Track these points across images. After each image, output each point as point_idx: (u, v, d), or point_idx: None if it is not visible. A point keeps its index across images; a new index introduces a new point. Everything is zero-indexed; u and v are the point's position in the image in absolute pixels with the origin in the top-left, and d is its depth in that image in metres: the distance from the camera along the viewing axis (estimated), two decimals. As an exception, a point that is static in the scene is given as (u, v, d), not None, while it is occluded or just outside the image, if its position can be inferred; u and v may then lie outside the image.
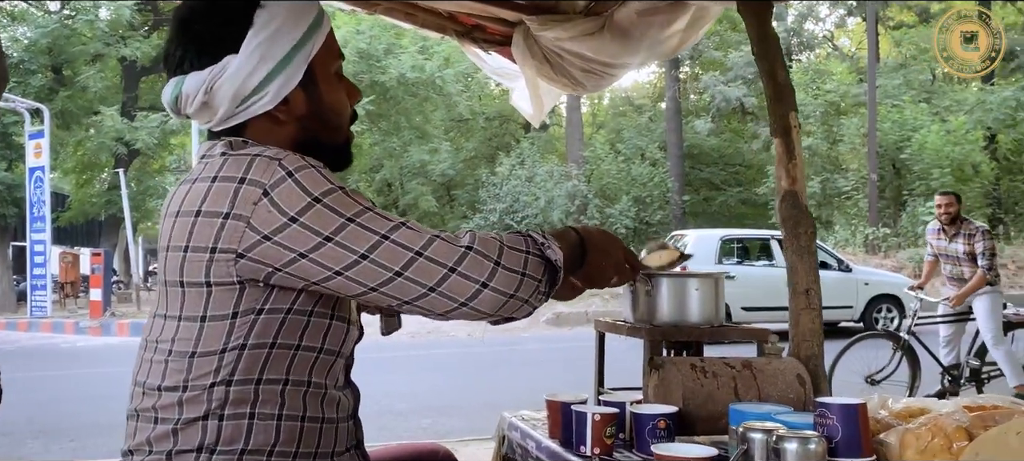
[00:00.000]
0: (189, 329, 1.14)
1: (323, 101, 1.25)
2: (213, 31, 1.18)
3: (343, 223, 1.08)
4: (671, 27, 2.42)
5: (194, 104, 1.18)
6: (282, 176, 1.09)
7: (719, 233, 12.67)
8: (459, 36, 3.11)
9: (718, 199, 24.23)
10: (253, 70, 1.16)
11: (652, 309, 1.62)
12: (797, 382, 1.40)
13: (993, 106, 20.67)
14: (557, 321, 13.83)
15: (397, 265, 1.08)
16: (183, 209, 1.16)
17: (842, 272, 12.36)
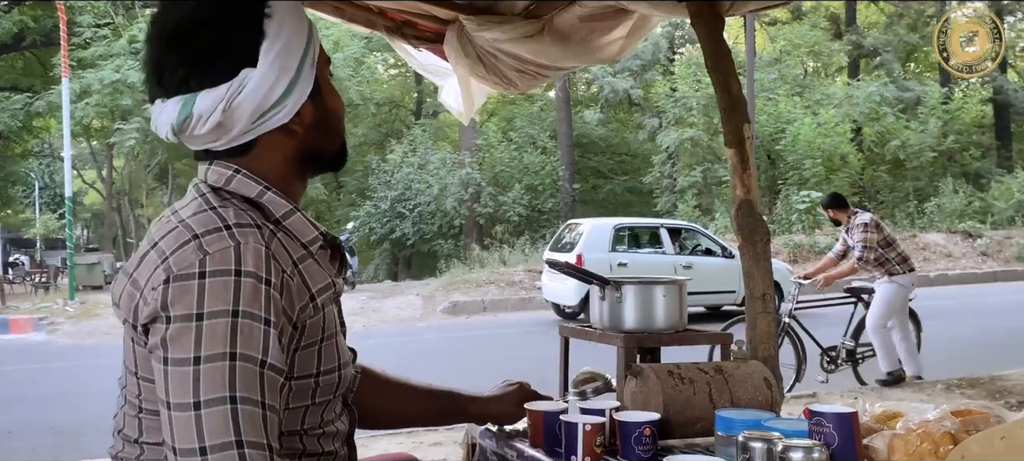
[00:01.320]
0: (149, 389, 1.08)
1: (328, 108, 1.19)
2: (224, 44, 1.08)
3: (189, 359, 0.97)
4: (612, 33, 2.47)
5: (208, 124, 1.08)
6: (193, 272, 1.00)
7: (612, 222, 12.99)
8: (389, 32, 3.07)
9: (606, 187, 24.82)
10: (275, 83, 1.09)
11: (619, 316, 1.67)
12: (765, 385, 1.48)
13: (859, 101, 22.06)
14: (454, 310, 13.86)
15: (179, 444, 0.96)
16: (126, 268, 1.11)
17: (726, 258, 12.91)
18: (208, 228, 1.04)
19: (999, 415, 1.30)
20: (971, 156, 24.00)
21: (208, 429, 0.95)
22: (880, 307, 6.81)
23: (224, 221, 1.06)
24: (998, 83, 26.33)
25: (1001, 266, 17.74)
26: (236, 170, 1.13)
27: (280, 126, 1.13)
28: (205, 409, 0.96)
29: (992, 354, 8.80)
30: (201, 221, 1.06)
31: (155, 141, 20.28)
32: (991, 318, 11.63)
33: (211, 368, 0.97)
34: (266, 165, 1.15)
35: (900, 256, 6.82)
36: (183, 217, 1.08)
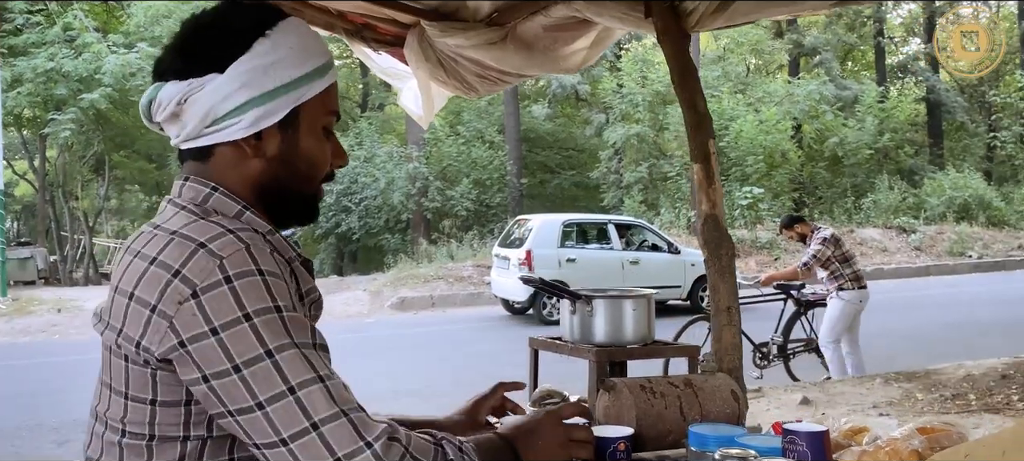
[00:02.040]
0: (139, 412, 1.06)
1: (299, 148, 1.16)
2: (206, 47, 1.11)
3: (260, 355, 0.98)
4: (575, 44, 2.49)
5: (165, 112, 1.11)
6: (218, 279, 1.00)
7: (561, 218, 13.09)
8: (348, 35, 3.04)
9: (553, 182, 24.94)
10: (231, 93, 1.10)
11: (590, 329, 1.69)
12: (732, 398, 1.52)
13: (799, 98, 22.60)
14: (402, 306, 13.79)
15: (287, 430, 0.98)
16: (121, 286, 1.07)
17: (671, 254, 13.13)
18: (211, 234, 1.05)
19: (961, 433, 1.36)
20: (905, 154, 24.79)
21: (312, 406, 0.99)
22: (829, 323, 7.06)
23: (223, 226, 1.06)
24: (930, 83, 27.26)
25: (933, 261, 18.39)
26: (214, 188, 1.13)
27: (235, 142, 1.12)
28: (301, 391, 0.99)
29: (927, 347, 9.13)
30: (200, 229, 1.06)
31: (90, 132, 19.72)
32: (925, 311, 12.07)
33: (288, 356, 0.99)
34: (231, 183, 1.15)
35: (854, 274, 6.99)
36: (175, 229, 1.07)
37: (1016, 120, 25.25)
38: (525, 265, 12.00)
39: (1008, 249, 19.33)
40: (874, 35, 27.12)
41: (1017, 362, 7.29)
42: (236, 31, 1.12)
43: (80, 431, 4.94)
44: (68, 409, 7.17)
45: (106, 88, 17.84)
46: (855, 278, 6.97)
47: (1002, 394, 6.23)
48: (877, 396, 6.45)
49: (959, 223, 20.33)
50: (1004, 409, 5.86)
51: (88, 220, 21.57)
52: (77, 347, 10.88)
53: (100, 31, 19.74)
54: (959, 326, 10.67)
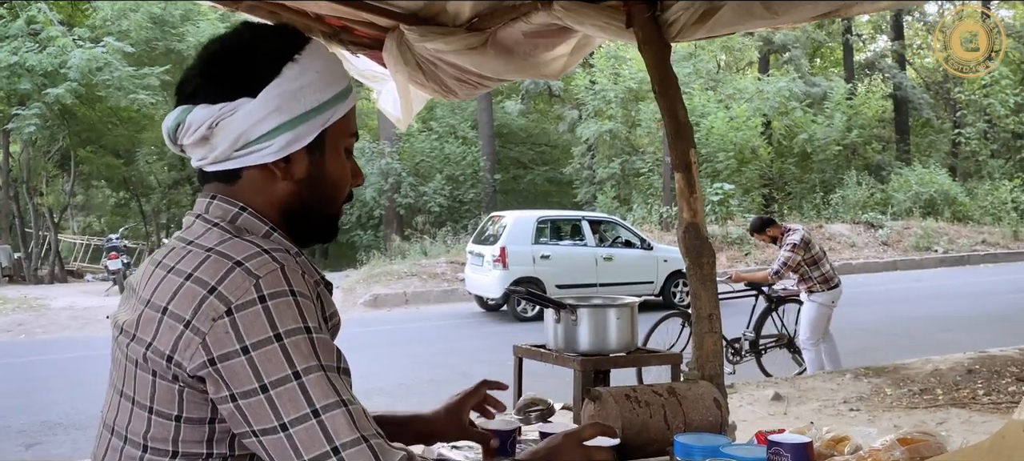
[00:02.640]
0: (163, 427, 1.06)
1: (326, 170, 1.19)
2: (236, 72, 1.12)
3: (287, 376, 1.00)
4: (556, 50, 2.49)
5: (194, 136, 1.12)
6: (253, 298, 1.02)
7: (535, 214, 13.11)
8: (326, 37, 3.03)
9: (526, 178, 24.97)
10: (264, 118, 1.11)
11: (574, 338, 1.71)
12: (715, 406, 1.54)
13: (769, 95, 22.81)
14: (375, 303, 13.74)
15: (309, 454, 0.99)
16: (153, 300, 1.08)
17: (644, 250, 13.21)
18: (248, 253, 1.06)
19: (940, 443, 1.39)
20: (873, 150, 25.14)
21: (335, 430, 1.00)
22: (806, 328, 7.17)
23: (258, 246, 1.08)
24: (897, 79, 27.66)
25: (900, 256, 18.69)
26: (242, 208, 1.15)
27: (264, 165, 1.14)
28: (325, 414, 1.00)
29: (895, 341, 9.30)
30: (236, 248, 1.07)
31: (55, 127, 19.35)
32: (893, 306, 12.28)
33: (314, 379, 1.01)
34: (258, 204, 1.16)
35: (822, 276, 7.04)
36: (211, 245, 1.09)
37: (980, 117, 25.71)
38: (499, 262, 12.01)
39: (972, 244, 19.70)
40: (842, 32, 27.46)
41: (982, 357, 7.45)
42: (266, 56, 1.13)
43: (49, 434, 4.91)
44: (36, 411, 7.06)
45: (72, 83, 17.53)
46: (824, 280, 7.04)
47: (968, 389, 6.37)
48: (847, 391, 6.56)
49: (925, 218, 20.67)
50: (970, 404, 5.98)
51: (53, 216, 21.19)
52: (44, 347, 10.70)
53: (65, 25, 19.38)
54: (925, 320, 10.86)
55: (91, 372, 8.82)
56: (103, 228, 26.03)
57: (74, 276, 20.91)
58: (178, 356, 1.03)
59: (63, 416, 6.93)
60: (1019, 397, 6.00)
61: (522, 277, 12.05)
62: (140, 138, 20.96)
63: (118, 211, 26.33)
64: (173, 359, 1.03)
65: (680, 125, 2.29)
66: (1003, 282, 15.01)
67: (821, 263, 7.08)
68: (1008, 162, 25.03)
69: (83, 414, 6.91)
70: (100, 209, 27.99)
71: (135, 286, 1.15)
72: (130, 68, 18.60)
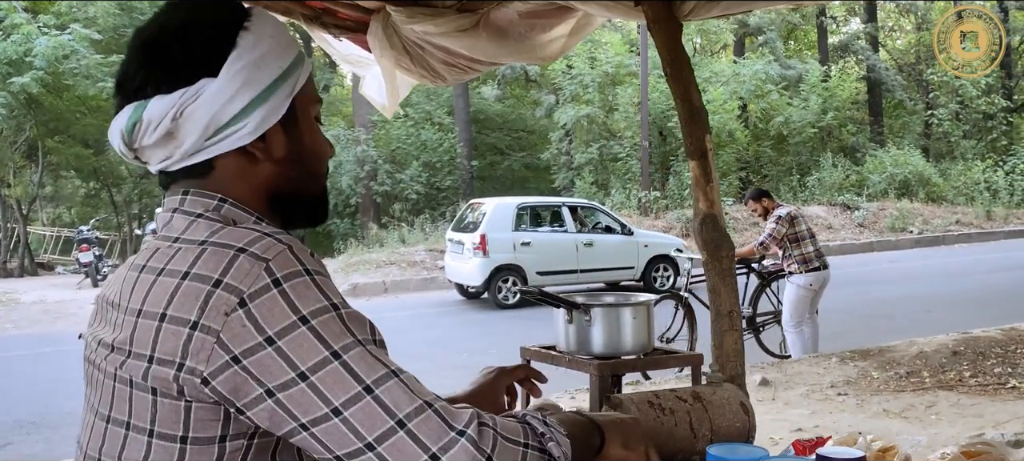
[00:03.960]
0: (166, 451, 0.94)
1: (304, 143, 1.08)
2: (189, 51, 0.99)
3: (326, 358, 0.89)
4: (553, 31, 2.37)
5: (156, 133, 0.98)
6: (266, 283, 0.90)
7: (515, 201, 12.99)
8: (307, 21, 2.88)
9: (504, 164, 24.82)
10: (234, 95, 0.99)
11: (587, 339, 1.60)
12: (742, 411, 1.45)
13: (745, 78, 22.81)
14: (354, 292, 13.56)
15: (372, 433, 0.89)
16: (146, 308, 0.95)
17: (625, 235, 13.16)
18: (249, 238, 0.95)
19: (1003, 456, 1.31)
20: (847, 132, 25.27)
21: (394, 403, 0.90)
22: (788, 309, 7.15)
23: (257, 229, 0.97)
24: (871, 61, 27.82)
25: (876, 237, 18.83)
26: (222, 200, 1.02)
27: (241, 149, 1.02)
28: (379, 389, 0.90)
29: (875, 323, 9.32)
30: (233, 235, 0.96)
31: (22, 116, 18.90)
32: (871, 288, 12.33)
33: (356, 355, 0.91)
34: (239, 196, 1.04)
35: (802, 256, 7.00)
36: (202, 238, 0.97)
37: (952, 98, 25.93)
38: (480, 249, 11.90)
39: (947, 225, 19.88)
40: (817, 14, 27.52)
41: (966, 337, 7.47)
42: (216, 28, 1.01)
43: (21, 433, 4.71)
44: (8, 410, 6.86)
45: (37, 71, 17.12)
46: (803, 260, 7.01)
47: (954, 371, 6.37)
48: (834, 375, 6.53)
49: (900, 199, 20.83)
50: (957, 386, 5.98)
51: (22, 208, 20.74)
52: (14, 342, 10.43)
53: (30, 12, 18.90)
54: (904, 301, 10.92)
55: (65, 368, 8.60)
56: (73, 219, 25.56)
57: (44, 269, 20.52)
58: (191, 362, 0.90)
59: (36, 415, 6.74)
60: (1005, 378, 6.01)
61: (503, 264, 11.95)
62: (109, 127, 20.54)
63: (88, 202, 25.86)
64: (185, 367, 0.91)
65: (694, 109, 2.18)
66: (977, 261, 15.16)
67: (803, 243, 7.03)
68: (980, 142, 25.28)
69: (57, 412, 6.72)
70: (70, 200, 27.48)
71: (114, 299, 1.02)
72: (98, 56, 18.20)
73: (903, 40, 33.20)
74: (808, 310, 7.11)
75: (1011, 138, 25.66)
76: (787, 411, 5.57)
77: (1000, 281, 12.50)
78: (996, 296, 10.89)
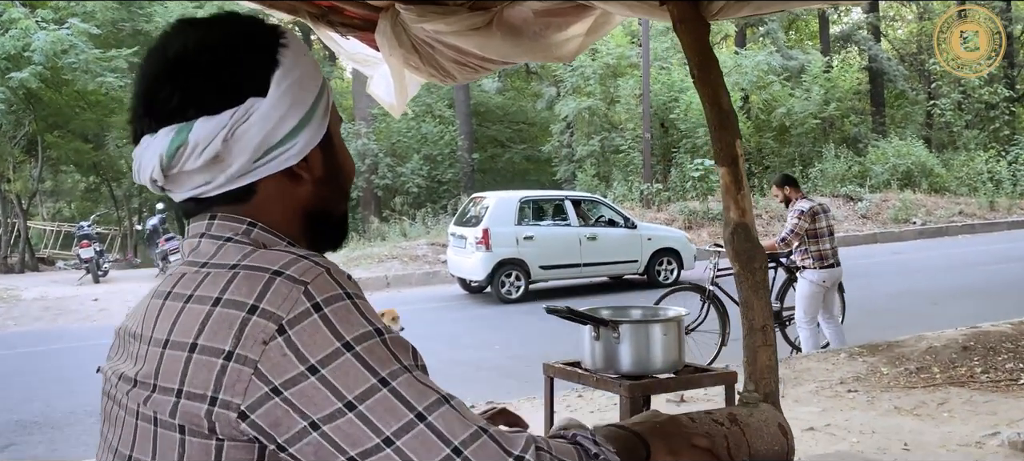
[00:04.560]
0: None
1: (338, 162, 1.04)
2: (230, 68, 0.94)
3: (374, 386, 0.84)
4: (569, 30, 2.29)
5: (203, 156, 0.92)
6: (306, 309, 0.84)
7: (518, 195, 12.91)
8: (314, 18, 2.81)
9: (505, 156, 24.73)
10: (285, 115, 0.95)
11: (615, 356, 1.53)
12: (780, 433, 1.38)
13: (747, 69, 22.70)
14: (356, 287, 13.50)
15: (436, 454, 0.83)
16: (174, 338, 0.88)
17: (628, 229, 13.09)
18: (285, 260, 0.89)
19: None
20: (850, 123, 25.17)
21: (449, 430, 0.85)
22: (800, 305, 7.09)
23: (293, 252, 0.91)
24: (873, 52, 27.70)
25: (879, 228, 18.75)
26: (251, 223, 0.97)
27: (285, 170, 0.98)
28: (431, 415, 0.85)
29: (882, 316, 9.25)
30: (266, 258, 0.90)
31: (21, 111, 18.81)
32: (876, 280, 12.26)
33: (404, 382, 0.86)
34: (273, 219, 0.99)
35: (819, 252, 6.95)
36: (233, 262, 0.91)
37: (954, 88, 25.82)
38: (482, 244, 11.83)
39: (950, 215, 19.81)
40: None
41: (976, 332, 7.40)
42: (260, 46, 0.97)
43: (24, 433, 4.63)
44: (9, 409, 6.80)
45: (36, 66, 17.02)
46: (819, 257, 6.95)
47: (965, 367, 6.30)
48: (843, 372, 6.47)
49: (903, 190, 20.75)
50: (969, 383, 5.91)
51: (22, 203, 20.66)
52: (16, 340, 10.37)
53: (28, 6, 18.78)
54: (910, 294, 10.86)
55: (67, 366, 8.55)
56: (74, 214, 25.50)
57: (45, 264, 20.46)
58: (226, 395, 0.84)
59: (39, 414, 6.68)
60: (1017, 374, 5.95)
61: (505, 259, 11.89)
62: (109, 122, 20.46)
63: (88, 196, 25.79)
64: (218, 401, 0.84)
65: (724, 114, 2.09)
66: (982, 252, 15.09)
67: (821, 240, 6.97)
68: (982, 132, 25.18)
69: (59, 412, 6.67)
70: (70, 195, 27.41)
71: (136, 330, 0.95)
72: (96, 50, 18.09)
73: (904, 30, 33.08)
74: (820, 306, 7.05)
75: (1014, 128, 25.56)
76: (797, 409, 5.50)
77: (1006, 272, 12.43)
78: (1003, 288, 10.82)
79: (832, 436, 4.95)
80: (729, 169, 2.05)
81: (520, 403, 6.05)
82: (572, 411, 5.62)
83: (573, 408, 5.67)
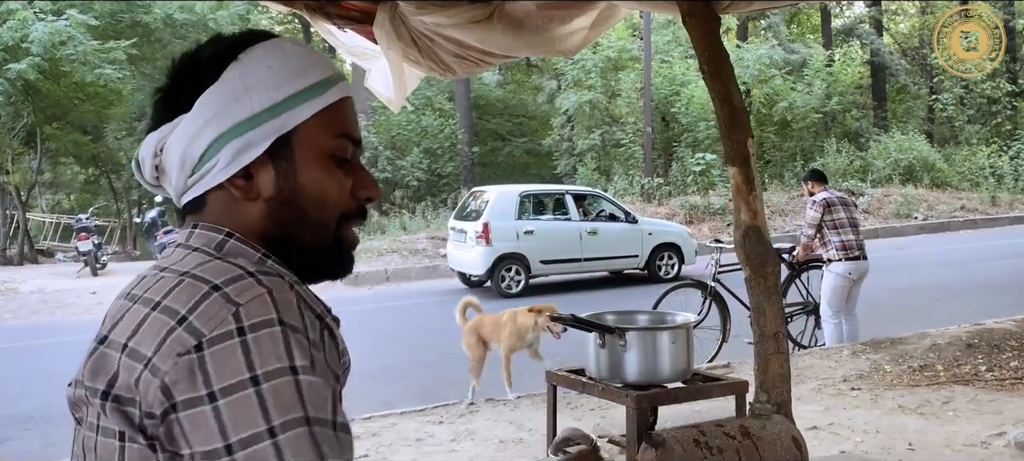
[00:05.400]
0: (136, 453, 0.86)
1: (298, 184, 0.96)
2: (177, 87, 0.96)
3: (259, 434, 0.78)
4: (573, 23, 2.22)
5: (147, 169, 0.97)
6: (230, 330, 0.81)
7: (518, 189, 12.84)
8: (310, 11, 2.74)
9: (505, 150, 24.66)
10: (201, 129, 0.93)
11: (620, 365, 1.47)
12: (793, 445, 1.32)
13: (748, 63, 22.59)
14: (356, 281, 13.43)
15: None
16: (113, 336, 0.88)
17: (629, 224, 13.02)
18: (229, 276, 0.87)
19: None
20: (851, 117, 25.08)
21: None
22: (826, 297, 7.06)
23: (243, 268, 0.88)
24: (875, 45, 27.58)
25: (881, 223, 18.68)
26: (228, 234, 0.95)
27: (222, 185, 0.95)
28: None
29: (885, 312, 9.19)
30: (215, 270, 0.88)
31: (19, 103, 18.73)
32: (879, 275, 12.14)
33: (292, 438, 0.79)
34: (243, 232, 0.97)
35: (842, 243, 6.87)
36: (186, 269, 0.90)
37: (956, 83, 25.72)
38: (482, 238, 11.77)
39: (951, 210, 19.74)
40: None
41: (979, 329, 7.34)
42: (205, 62, 0.96)
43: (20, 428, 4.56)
44: (5, 404, 6.74)
45: (34, 58, 16.93)
46: (842, 247, 6.87)
47: (969, 364, 6.25)
48: (846, 369, 6.42)
49: (905, 185, 20.67)
50: (973, 381, 5.86)
51: (20, 194, 20.59)
52: (13, 333, 10.32)
53: None
54: (913, 290, 10.80)
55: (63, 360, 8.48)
56: (73, 206, 25.43)
57: (45, 256, 20.40)
58: (142, 401, 0.82)
59: (35, 409, 6.62)
60: (1022, 372, 5.89)
61: (505, 253, 11.83)
62: (108, 114, 20.39)
63: (88, 188, 25.72)
64: (142, 407, 0.82)
65: (735, 111, 2.03)
66: (984, 248, 15.02)
67: (842, 231, 6.88)
68: (984, 127, 25.09)
69: (56, 407, 6.61)
70: (69, 187, 27.33)
71: (98, 331, 0.94)
72: (95, 42, 18.01)
73: (907, 24, 32.95)
74: (846, 300, 7.00)
75: (1016, 123, 25.46)
76: (800, 407, 5.43)
77: (1009, 268, 12.38)
78: (1006, 284, 10.77)
79: (836, 435, 4.89)
80: (740, 169, 1.98)
81: (519, 401, 6.00)
82: (573, 408, 5.56)
83: (574, 406, 5.61)
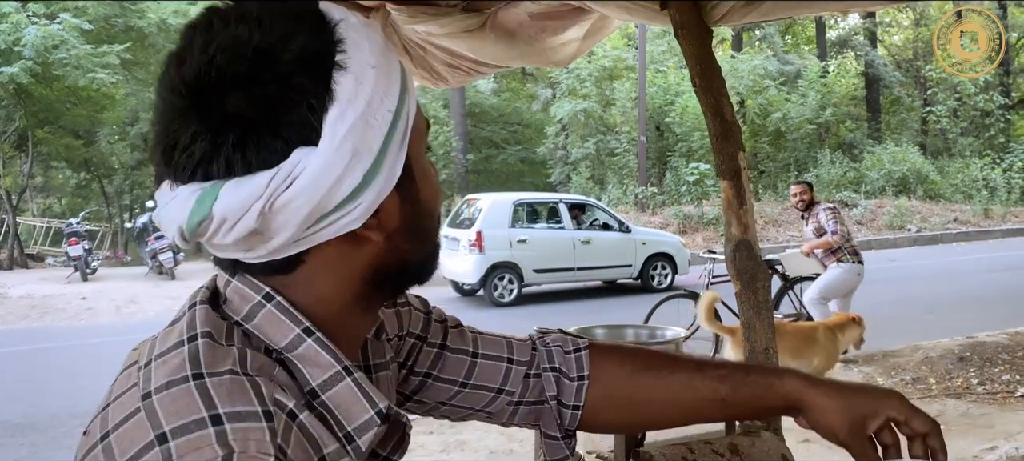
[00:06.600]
0: None
1: (419, 203, 0.77)
2: (268, 108, 0.66)
3: None
4: (565, 34, 2.21)
5: (235, 231, 0.68)
6: (150, 441, 0.62)
7: (512, 197, 12.83)
8: (301, 18, 2.73)
9: (499, 158, 24.68)
10: (345, 171, 0.68)
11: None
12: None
13: (743, 74, 22.67)
14: (348, 288, 13.41)
15: None
16: (91, 428, 0.70)
17: (623, 233, 13.02)
18: (183, 421, 0.64)
19: None
20: (845, 128, 25.17)
21: None
22: (822, 283, 7.10)
23: (212, 406, 0.65)
24: (869, 57, 27.71)
25: (874, 235, 18.72)
26: (268, 296, 0.73)
27: (347, 234, 0.73)
28: None
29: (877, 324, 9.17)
30: (175, 405, 0.65)
31: (11, 106, 18.66)
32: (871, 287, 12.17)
33: None
34: (317, 291, 0.75)
35: (853, 248, 7.15)
36: (156, 384, 0.67)
37: (950, 95, 25.84)
38: (475, 246, 11.75)
39: (945, 222, 19.79)
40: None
41: (972, 343, 7.34)
42: (298, 71, 0.67)
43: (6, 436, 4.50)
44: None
45: (27, 61, 16.87)
46: (855, 252, 7.15)
47: (961, 377, 6.24)
48: (839, 381, 6.40)
49: (898, 197, 20.73)
50: (965, 394, 5.85)
51: (12, 199, 20.50)
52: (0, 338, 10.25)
53: (19, 1, 18.64)
54: (905, 302, 10.80)
55: (52, 367, 8.43)
56: (64, 210, 25.32)
57: (35, 260, 20.29)
58: None
59: (22, 416, 6.56)
60: (1014, 386, 5.88)
61: (498, 262, 11.81)
62: (100, 118, 20.33)
63: (79, 192, 25.61)
64: None
65: (727, 125, 2.01)
66: (977, 261, 15.05)
67: (851, 236, 7.24)
68: (977, 140, 25.20)
69: (44, 413, 6.55)
70: (61, 191, 27.22)
71: None
72: (88, 46, 17.95)
73: (901, 36, 33.11)
74: (838, 298, 7.09)
75: (1009, 135, 25.58)
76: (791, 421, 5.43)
77: (1001, 281, 12.40)
78: (998, 297, 10.78)
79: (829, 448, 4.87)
80: (731, 182, 1.96)
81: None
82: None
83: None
